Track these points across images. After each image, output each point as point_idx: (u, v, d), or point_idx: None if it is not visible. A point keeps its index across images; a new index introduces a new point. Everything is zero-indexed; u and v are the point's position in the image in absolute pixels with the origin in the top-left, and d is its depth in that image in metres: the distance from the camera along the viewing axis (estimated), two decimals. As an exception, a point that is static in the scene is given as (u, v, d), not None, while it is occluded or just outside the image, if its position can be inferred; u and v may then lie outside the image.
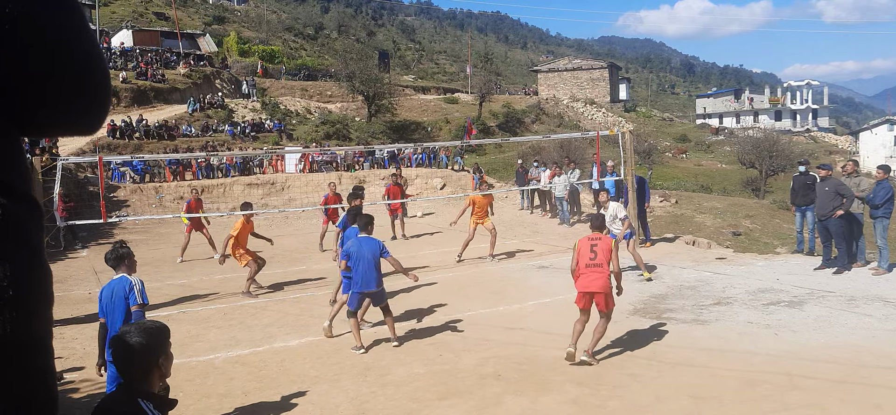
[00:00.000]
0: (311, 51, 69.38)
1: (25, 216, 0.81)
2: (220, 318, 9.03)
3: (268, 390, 6.25)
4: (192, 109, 32.83)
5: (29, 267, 0.80)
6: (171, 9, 53.23)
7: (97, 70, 0.83)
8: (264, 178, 26.01)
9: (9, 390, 0.78)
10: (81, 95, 0.82)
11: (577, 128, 44.60)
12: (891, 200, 10.08)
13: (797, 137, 50.33)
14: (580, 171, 18.10)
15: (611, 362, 6.75)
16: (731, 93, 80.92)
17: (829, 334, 7.36)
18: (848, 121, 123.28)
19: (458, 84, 64.96)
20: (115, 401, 2.44)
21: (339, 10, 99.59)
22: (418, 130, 40.91)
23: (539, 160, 23.46)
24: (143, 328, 2.53)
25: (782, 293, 9.22)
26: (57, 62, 0.78)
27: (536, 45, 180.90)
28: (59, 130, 0.90)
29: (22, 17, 0.74)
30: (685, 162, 42.31)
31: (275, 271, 12.64)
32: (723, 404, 5.58)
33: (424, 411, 5.70)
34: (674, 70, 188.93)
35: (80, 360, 7.25)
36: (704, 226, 15.43)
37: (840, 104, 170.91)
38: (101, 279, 12.06)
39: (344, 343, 7.66)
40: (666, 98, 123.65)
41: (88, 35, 0.83)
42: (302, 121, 37.35)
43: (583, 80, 57.54)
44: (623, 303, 9.13)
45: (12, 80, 0.75)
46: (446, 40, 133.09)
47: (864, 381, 5.92)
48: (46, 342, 0.86)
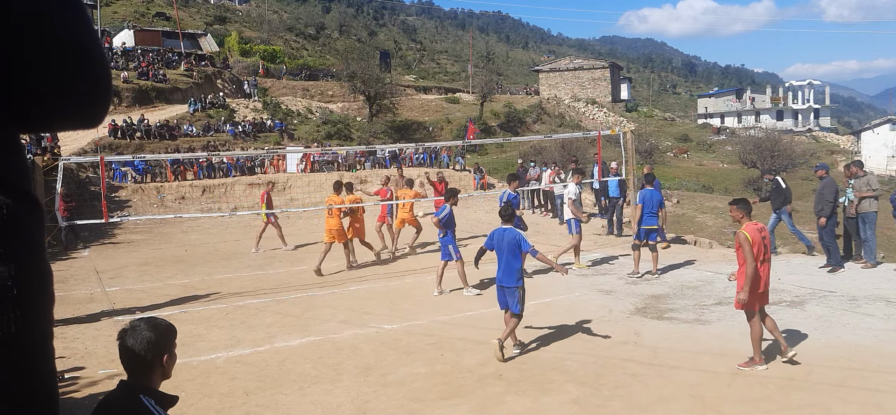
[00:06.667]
0: (313, 51, 69.43)
1: (27, 216, 0.81)
2: (222, 317, 9.04)
3: (269, 390, 6.25)
4: (193, 109, 32.87)
5: (31, 267, 0.80)
6: (172, 9, 53.25)
7: (97, 63, 0.83)
8: (266, 177, 26.02)
9: (10, 389, 0.78)
10: (81, 89, 0.82)
11: (578, 128, 44.58)
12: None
13: (799, 136, 50.21)
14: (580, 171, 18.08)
15: (612, 362, 6.74)
16: (732, 92, 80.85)
17: (831, 334, 7.35)
18: (850, 120, 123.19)
19: (460, 84, 65.01)
20: (116, 398, 2.44)
21: (340, 10, 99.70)
22: (419, 129, 40.94)
23: (537, 160, 23.48)
24: (153, 324, 2.52)
25: (784, 293, 9.21)
26: (56, 55, 0.78)
27: (538, 45, 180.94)
28: (60, 124, 0.89)
29: (20, 10, 0.74)
30: (686, 162, 42.27)
31: (276, 271, 12.65)
32: (724, 404, 5.58)
33: (426, 411, 5.70)
34: (675, 70, 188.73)
35: (82, 360, 7.25)
36: (706, 226, 15.42)
37: (842, 104, 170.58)
38: (103, 279, 12.09)
39: (345, 343, 7.66)
40: (667, 98, 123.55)
41: (88, 28, 0.83)
42: (303, 121, 37.38)
43: (584, 79, 57.53)
44: (624, 303, 9.15)
45: (11, 74, 0.75)
46: (447, 40, 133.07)
47: (866, 381, 5.91)
48: (48, 342, 0.86)
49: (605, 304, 9.13)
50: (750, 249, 6.14)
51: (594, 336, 7.61)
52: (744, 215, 6.45)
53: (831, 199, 10.66)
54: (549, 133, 38.92)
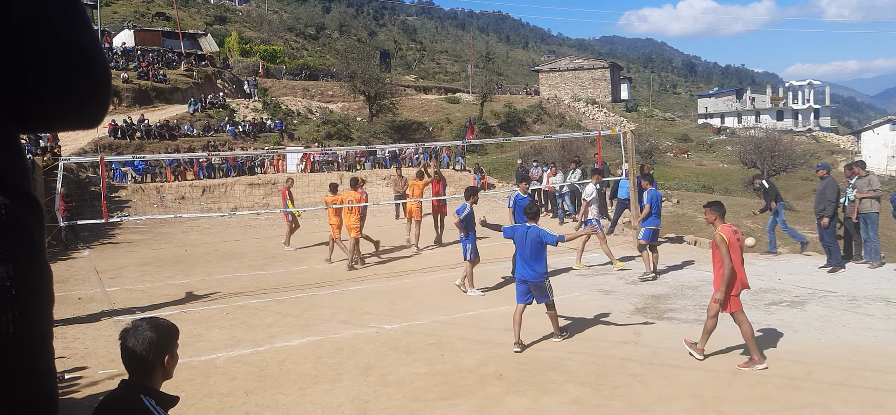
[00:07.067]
0: (313, 51, 69.44)
1: (27, 216, 0.81)
2: (222, 317, 9.04)
3: (269, 390, 6.25)
4: (193, 109, 32.89)
5: (30, 267, 0.80)
6: (172, 9, 53.26)
7: (97, 63, 0.82)
8: (266, 177, 26.05)
9: (9, 389, 0.77)
10: (81, 89, 0.82)
11: (578, 128, 44.58)
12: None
13: (799, 136, 50.19)
14: (581, 171, 18.08)
15: (612, 361, 6.74)
16: (732, 93, 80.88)
17: (831, 334, 7.35)
18: (850, 120, 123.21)
19: (460, 84, 65.00)
20: (116, 398, 2.43)
21: (340, 10, 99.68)
22: (419, 129, 40.94)
23: (538, 161, 23.48)
24: (154, 324, 2.52)
25: (784, 293, 9.21)
26: (56, 56, 0.78)
27: (538, 45, 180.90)
28: (60, 124, 0.89)
29: (20, 10, 0.74)
30: (687, 162, 42.27)
31: (277, 271, 12.65)
32: (724, 404, 5.58)
33: (426, 411, 5.70)
34: (675, 70, 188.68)
35: (82, 360, 7.25)
36: (706, 226, 15.38)
37: (842, 104, 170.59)
38: (103, 279, 12.09)
39: (345, 343, 7.66)
40: (667, 98, 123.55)
41: (88, 28, 0.82)
42: (303, 121, 37.38)
43: (584, 79, 57.54)
44: (624, 303, 9.15)
45: (11, 74, 0.75)
46: (448, 40, 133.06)
47: (866, 381, 5.91)
48: (47, 342, 0.86)
49: (605, 304, 9.13)
50: (726, 250, 6.27)
51: (594, 336, 7.62)
52: (717, 217, 6.58)
53: (833, 199, 10.66)
54: (549, 133, 38.91)
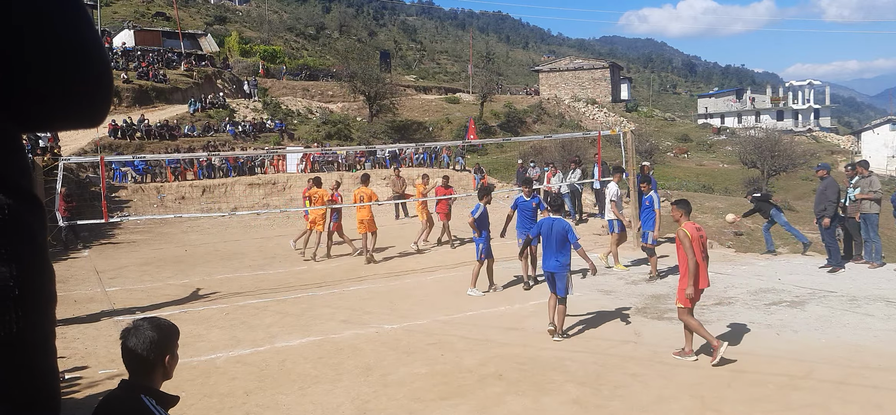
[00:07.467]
0: (313, 51, 69.40)
1: (29, 216, 0.81)
2: (222, 317, 9.04)
3: (269, 390, 6.25)
4: (193, 109, 32.87)
5: (33, 267, 0.80)
6: (172, 9, 53.25)
7: (98, 63, 0.82)
8: (266, 178, 26.04)
9: (12, 389, 0.78)
10: (82, 89, 0.82)
11: (578, 128, 44.59)
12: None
13: (799, 136, 50.17)
14: (581, 171, 18.08)
15: (612, 361, 6.74)
16: (732, 93, 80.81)
17: (831, 334, 7.35)
18: (850, 121, 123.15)
19: (460, 84, 64.98)
20: (117, 398, 2.43)
21: (340, 10, 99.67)
22: (420, 129, 40.94)
23: (537, 161, 23.48)
24: (155, 324, 2.52)
25: (784, 293, 9.22)
26: (56, 55, 0.77)
27: (538, 45, 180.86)
28: (60, 124, 0.89)
29: (21, 10, 0.74)
30: (687, 162, 42.29)
31: (277, 271, 12.65)
32: (724, 404, 5.58)
33: (426, 411, 5.70)
34: (675, 70, 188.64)
35: (82, 360, 7.25)
36: (706, 226, 15.36)
37: (842, 104, 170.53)
38: (103, 279, 12.09)
39: (345, 343, 7.66)
40: (667, 98, 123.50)
41: (89, 27, 0.82)
42: (303, 121, 37.37)
43: (584, 79, 57.53)
44: (624, 303, 9.15)
45: (11, 74, 0.74)
46: (448, 40, 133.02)
47: (866, 381, 5.91)
48: (49, 342, 0.86)
49: (605, 304, 9.14)
50: (690, 246, 6.48)
51: (594, 336, 7.62)
52: (682, 215, 6.81)
53: (834, 199, 10.66)
54: (549, 133, 38.92)
